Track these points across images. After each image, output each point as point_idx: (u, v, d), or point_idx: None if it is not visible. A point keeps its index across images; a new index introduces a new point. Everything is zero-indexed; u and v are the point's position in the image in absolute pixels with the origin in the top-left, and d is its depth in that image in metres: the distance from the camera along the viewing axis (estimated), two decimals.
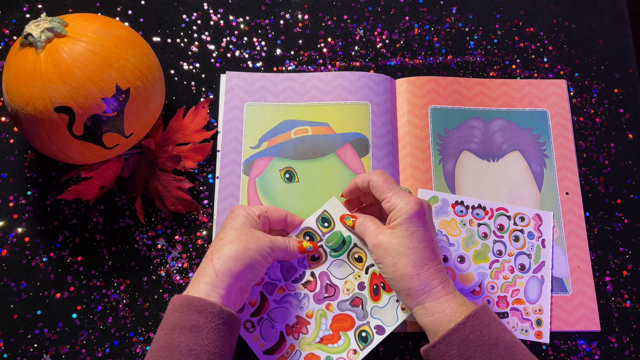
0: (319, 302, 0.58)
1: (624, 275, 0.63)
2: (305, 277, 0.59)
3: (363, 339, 0.57)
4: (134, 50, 0.57)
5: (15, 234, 0.62)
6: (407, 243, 0.51)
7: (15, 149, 0.65)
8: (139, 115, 0.57)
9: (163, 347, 0.47)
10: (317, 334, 0.58)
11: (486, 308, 0.50)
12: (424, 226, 0.52)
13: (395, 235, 0.52)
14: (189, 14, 0.72)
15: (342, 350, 0.57)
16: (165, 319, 0.49)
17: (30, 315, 0.59)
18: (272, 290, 0.59)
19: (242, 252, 0.51)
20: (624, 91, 0.71)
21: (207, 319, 0.48)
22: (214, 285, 0.50)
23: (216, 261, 0.51)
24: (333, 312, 0.58)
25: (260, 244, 0.52)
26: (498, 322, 0.50)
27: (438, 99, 0.68)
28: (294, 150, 0.65)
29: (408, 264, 0.51)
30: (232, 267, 0.50)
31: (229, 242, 0.52)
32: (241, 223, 0.54)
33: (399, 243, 0.52)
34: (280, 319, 0.58)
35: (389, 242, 0.52)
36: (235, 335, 0.51)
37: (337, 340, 0.57)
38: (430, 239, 0.52)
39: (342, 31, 0.72)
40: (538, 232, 0.63)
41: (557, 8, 0.74)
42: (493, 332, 0.49)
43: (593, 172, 0.67)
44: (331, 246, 0.59)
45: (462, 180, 0.65)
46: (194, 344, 0.47)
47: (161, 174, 0.63)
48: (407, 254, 0.51)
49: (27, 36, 0.53)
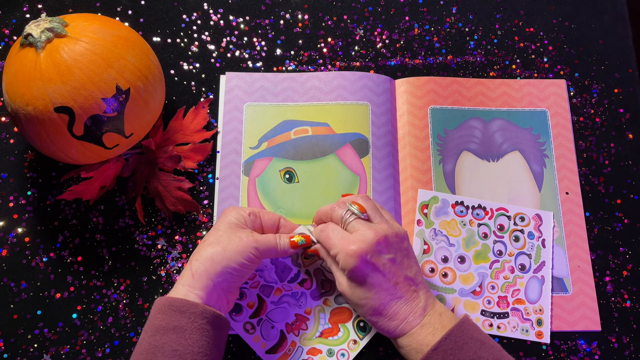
0: (316, 298, 0.59)
1: (624, 275, 0.63)
2: (301, 276, 0.60)
3: (361, 328, 0.59)
4: (134, 50, 0.57)
5: (15, 234, 0.62)
6: (359, 294, 0.51)
7: (15, 149, 0.65)
8: (139, 115, 0.57)
9: (147, 350, 0.47)
10: (317, 329, 0.58)
11: (463, 326, 0.49)
12: (369, 272, 0.50)
13: (349, 285, 0.52)
14: (189, 14, 0.72)
15: (342, 342, 0.58)
16: (148, 322, 0.49)
17: (30, 315, 0.59)
18: (269, 292, 0.59)
19: (220, 254, 0.51)
20: (624, 91, 0.71)
21: (189, 319, 0.47)
22: (191, 286, 0.49)
23: (194, 263, 0.51)
24: (331, 307, 0.59)
25: (243, 244, 0.51)
26: (475, 340, 0.49)
27: (438, 99, 0.68)
28: (294, 151, 0.65)
29: (366, 313, 0.52)
30: (209, 268, 0.50)
31: (208, 244, 0.52)
32: (226, 224, 0.53)
33: (353, 294, 0.52)
34: (280, 319, 0.58)
35: (346, 291, 0.52)
36: (224, 335, 0.51)
37: (337, 333, 0.58)
38: (382, 280, 0.51)
39: (342, 31, 0.72)
40: (538, 232, 0.63)
41: (557, 8, 0.74)
42: (468, 353, 0.48)
43: (593, 172, 0.67)
44: None
45: (462, 181, 0.65)
46: (177, 344, 0.47)
47: (161, 174, 0.63)
48: (362, 304, 0.51)
49: (27, 36, 0.53)
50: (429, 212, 0.63)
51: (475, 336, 0.49)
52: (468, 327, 0.50)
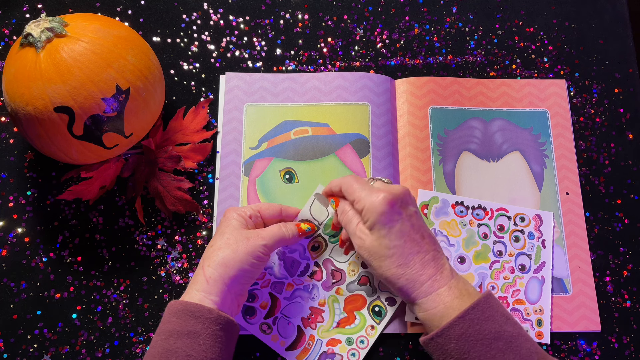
0: (328, 289, 0.60)
1: (624, 275, 0.63)
2: (310, 268, 0.60)
3: (377, 313, 0.59)
4: (134, 50, 0.57)
5: (15, 234, 0.62)
6: (387, 243, 0.50)
7: (15, 149, 0.65)
8: (138, 115, 0.57)
9: (160, 353, 0.47)
10: (333, 320, 0.59)
11: (489, 298, 0.49)
12: (398, 218, 0.50)
13: (375, 237, 0.51)
14: (189, 14, 0.72)
15: (360, 329, 0.58)
16: (162, 325, 0.49)
17: (30, 315, 0.59)
18: (280, 289, 0.60)
19: (232, 257, 0.51)
20: (624, 91, 0.71)
21: (204, 325, 0.48)
22: (207, 292, 0.50)
23: (207, 268, 0.51)
24: (344, 295, 0.59)
25: (251, 245, 0.52)
26: (501, 313, 0.48)
27: (438, 99, 0.68)
28: (294, 151, 0.65)
29: (392, 265, 0.50)
30: (223, 273, 0.50)
31: (218, 248, 0.52)
32: (231, 227, 0.54)
33: (380, 245, 0.50)
34: (295, 314, 0.59)
35: (371, 245, 0.51)
36: (233, 341, 0.51)
37: (354, 321, 0.59)
38: (410, 230, 0.50)
39: (342, 31, 0.72)
40: (538, 232, 0.63)
41: (557, 8, 0.74)
42: (494, 325, 0.47)
43: (593, 172, 0.67)
44: (329, 232, 0.60)
45: (462, 181, 0.65)
46: (191, 349, 0.47)
47: (161, 174, 0.63)
48: (389, 255, 0.50)
49: (27, 36, 0.53)
50: (429, 212, 0.63)
51: (501, 310, 0.49)
52: (494, 300, 0.49)
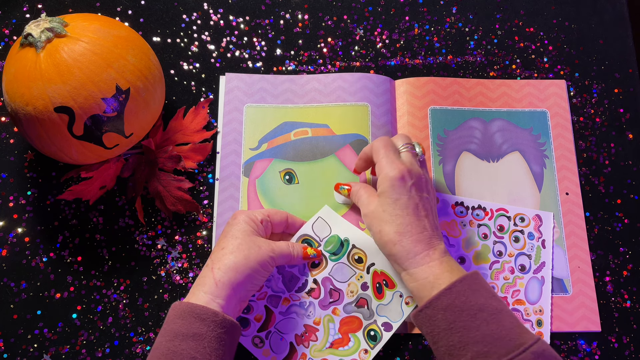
0: (325, 307, 0.58)
1: (624, 276, 0.63)
2: (308, 285, 0.59)
3: (372, 337, 0.57)
4: (134, 50, 0.57)
5: (15, 234, 0.62)
6: (391, 210, 0.53)
7: (15, 149, 0.65)
8: (139, 115, 0.57)
9: (165, 354, 0.47)
10: (326, 340, 0.57)
11: (476, 275, 0.51)
12: (407, 194, 0.53)
13: (381, 203, 0.54)
14: (189, 14, 0.72)
15: (353, 352, 0.57)
16: (166, 326, 0.49)
17: (30, 315, 0.59)
18: (276, 302, 0.58)
19: (243, 263, 0.51)
20: (624, 91, 0.71)
21: (209, 328, 0.48)
22: (214, 295, 0.50)
23: (216, 271, 0.51)
24: (340, 316, 0.58)
25: (261, 253, 0.52)
26: (487, 290, 0.50)
27: (438, 99, 0.68)
28: (294, 152, 0.65)
29: (391, 231, 0.53)
30: (232, 278, 0.51)
31: (229, 251, 0.52)
32: (242, 231, 0.54)
33: (384, 211, 0.53)
34: (289, 330, 0.58)
35: (376, 209, 0.54)
36: (235, 344, 0.51)
37: (347, 343, 0.57)
38: (414, 208, 0.53)
39: (342, 31, 0.72)
40: (538, 232, 0.63)
41: (557, 8, 0.74)
42: (480, 298, 0.49)
43: (593, 172, 0.67)
44: (330, 250, 0.59)
45: (462, 181, 0.65)
46: (195, 352, 0.47)
47: (161, 174, 0.63)
48: (390, 221, 0.53)
49: (27, 36, 0.53)
50: None
51: (487, 287, 0.50)
52: (481, 277, 0.51)
